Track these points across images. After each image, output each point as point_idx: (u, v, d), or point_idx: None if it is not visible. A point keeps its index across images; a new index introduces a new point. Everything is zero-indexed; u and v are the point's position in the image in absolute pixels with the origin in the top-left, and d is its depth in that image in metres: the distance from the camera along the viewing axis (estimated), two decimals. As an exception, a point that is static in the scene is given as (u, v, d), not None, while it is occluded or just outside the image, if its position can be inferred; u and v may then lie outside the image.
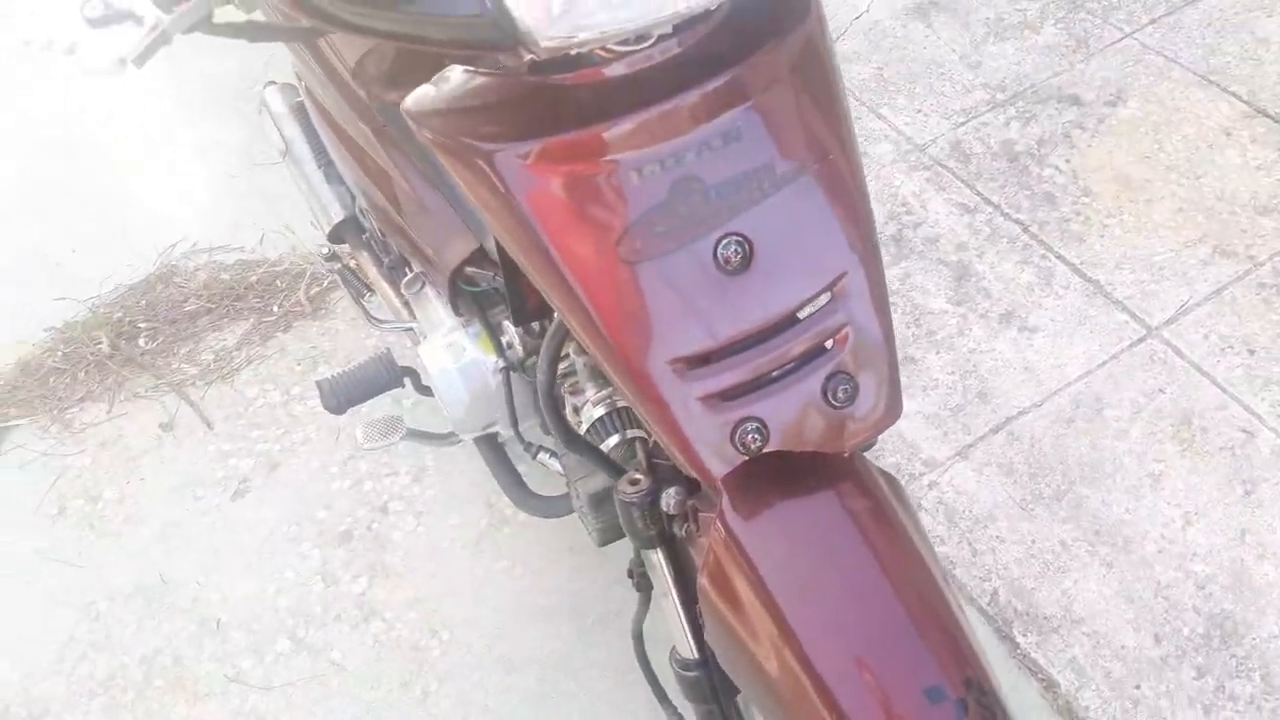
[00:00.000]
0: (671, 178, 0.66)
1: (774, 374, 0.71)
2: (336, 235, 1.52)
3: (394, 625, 1.54)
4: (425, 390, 1.40)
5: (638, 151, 0.65)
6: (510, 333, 1.18)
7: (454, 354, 1.21)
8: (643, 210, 0.66)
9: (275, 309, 1.95)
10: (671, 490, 0.81)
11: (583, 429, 1.08)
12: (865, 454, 0.85)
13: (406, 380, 1.37)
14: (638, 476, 0.84)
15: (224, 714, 1.48)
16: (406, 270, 1.39)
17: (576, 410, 1.12)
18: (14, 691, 1.53)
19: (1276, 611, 1.41)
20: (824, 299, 0.72)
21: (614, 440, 1.01)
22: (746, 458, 0.71)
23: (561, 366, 1.19)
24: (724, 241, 0.67)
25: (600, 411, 1.06)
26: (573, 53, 0.62)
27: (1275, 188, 1.84)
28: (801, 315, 0.72)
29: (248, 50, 1.23)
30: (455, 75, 0.73)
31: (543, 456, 1.28)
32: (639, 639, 1.07)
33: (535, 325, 1.12)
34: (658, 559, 0.88)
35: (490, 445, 1.40)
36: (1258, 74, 2.01)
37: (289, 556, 1.62)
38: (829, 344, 0.72)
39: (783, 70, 0.69)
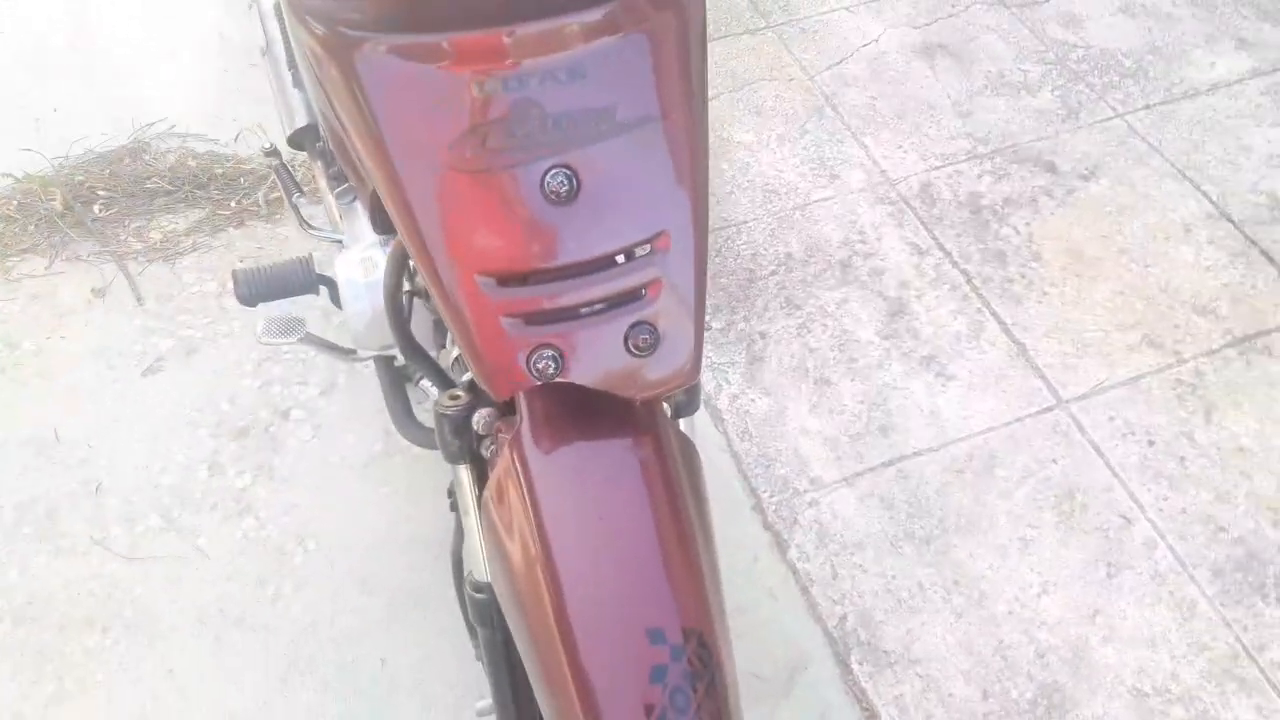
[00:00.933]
0: (512, 98, 0.68)
1: (581, 310, 0.73)
2: (296, 140, 1.55)
3: (265, 525, 1.57)
4: (339, 302, 1.43)
5: (484, 65, 0.67)
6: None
7: (365, 269, 1.24)
8: (478, 122, 0.68)
9: (232, 204, 1.98)
10: (485, 410, 0.84)
11: (450, 357, 1.10)
12: (689, 419, 0.89)
13: (322, 289, 1.39)
14: (459, 393, 0.87)
15: (83, 573, 1.51)
16: (344, 182, 1.42)
17: (451, 339, 1.14)
18: (-112, 510, 1.57)
19: (1107, 695, 1.43)
20: (643, 251, 0.74)
21: (455, 354, 1.04)
22: (538, 383, 0.73)
23: None
24: (552, 171, 0.69)
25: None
26: None
27: (1219, 291, 1.86)
28: (618, 261, 0.74)
29: None
30: None
31: (424, 383, 1.30)
32: (458, 563, 1.10)
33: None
34: (464, 477, 0.91)
35: (386, 368, 1.43)
36: (1233, 179, 2.03)
37: (183, 439, 1.66)
38: (641, 293, 0.74)
39: (644, 21, 0.70)
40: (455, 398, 0.87)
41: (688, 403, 0.89)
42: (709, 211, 0.76)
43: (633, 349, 0.74)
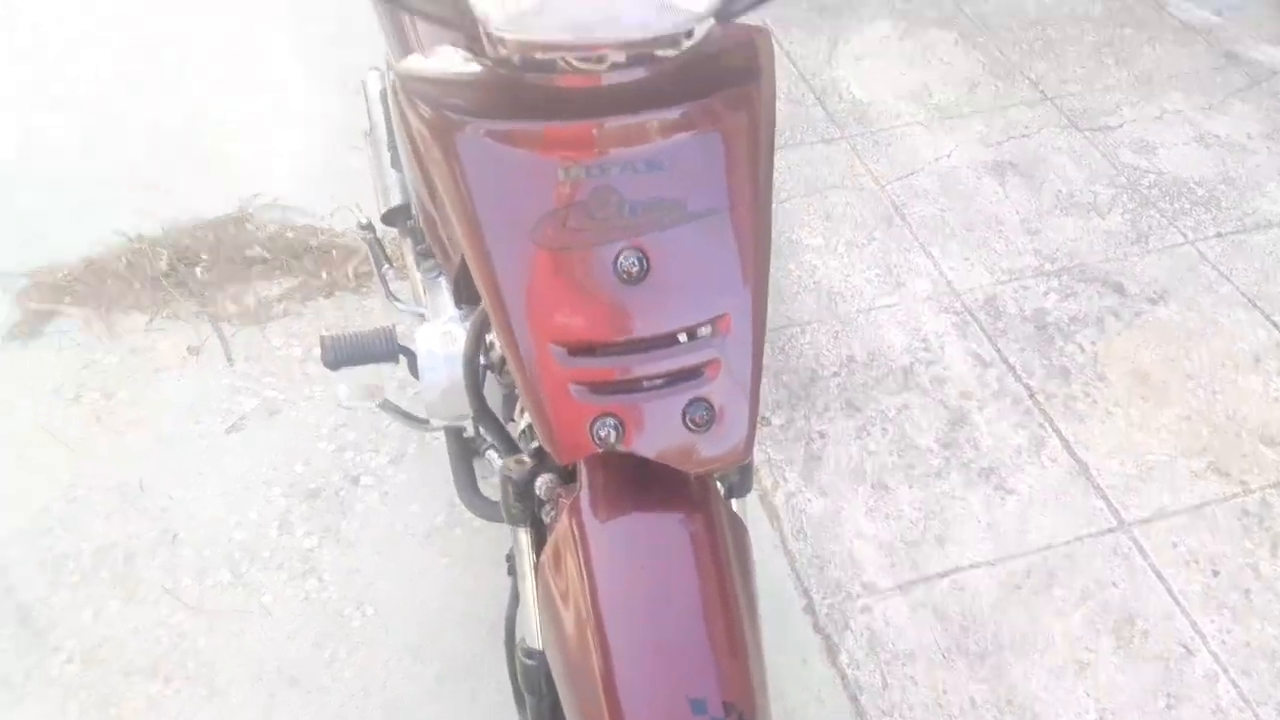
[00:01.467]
0: (594, 184, 0.74)
1: (644, 383, 0.78)
2: (390, 218, 1.64)
3: (328, 587, 1.62)
4: (417, 373, 1.50)
5: (571, 153, 0.74)
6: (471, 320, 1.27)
7: (444, 341, 1.31)
8: (561, 204, 0.74)
9: (323, 275, 2.08)
10: (547, 475, 0.89)
11: (520, 427, 1.16)
12: (741, 499, 0.93)
13: (401, 359, 1.47)
14: (524, 457, 0.92)
15: (151, 621, 1.57)
16: (432, 259, 1.50)
17: (524, 412, 1.19)
18: (-21, 544, 1.65)
19: (1161, 829, 1.40)
20: (704, 332, 0.79)
21: (524, 426, 1.09)
22: (599, 450, 0.78)
23: None
24: (625, 253, 0.75)
25: None
26: (538, 56, 0.71)
27: (1288, 424, 1.84)
28: (681, 340, 0.79)
29: (380, 42, 1.38)
30: (445, 53, 0.83)
31: (490, 454, 1.35)
32: (511, 628, 1.13)
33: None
34: (524, 540, 0.95)
35: (456, 439, 1.49)
36: (1305, 312, 2.03)
37: (258, 496, 1.72)
38: (700, 372, 0.79)
39: (719, 120, 0.77)
40: (521, 462, 0.92)
41: (740, 483, 0.93)
42: (768, 301, 0.81)
43: (690, 424, 0.78)
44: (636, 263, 0.75)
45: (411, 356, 1.47)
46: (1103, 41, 2.75)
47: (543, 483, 0.90)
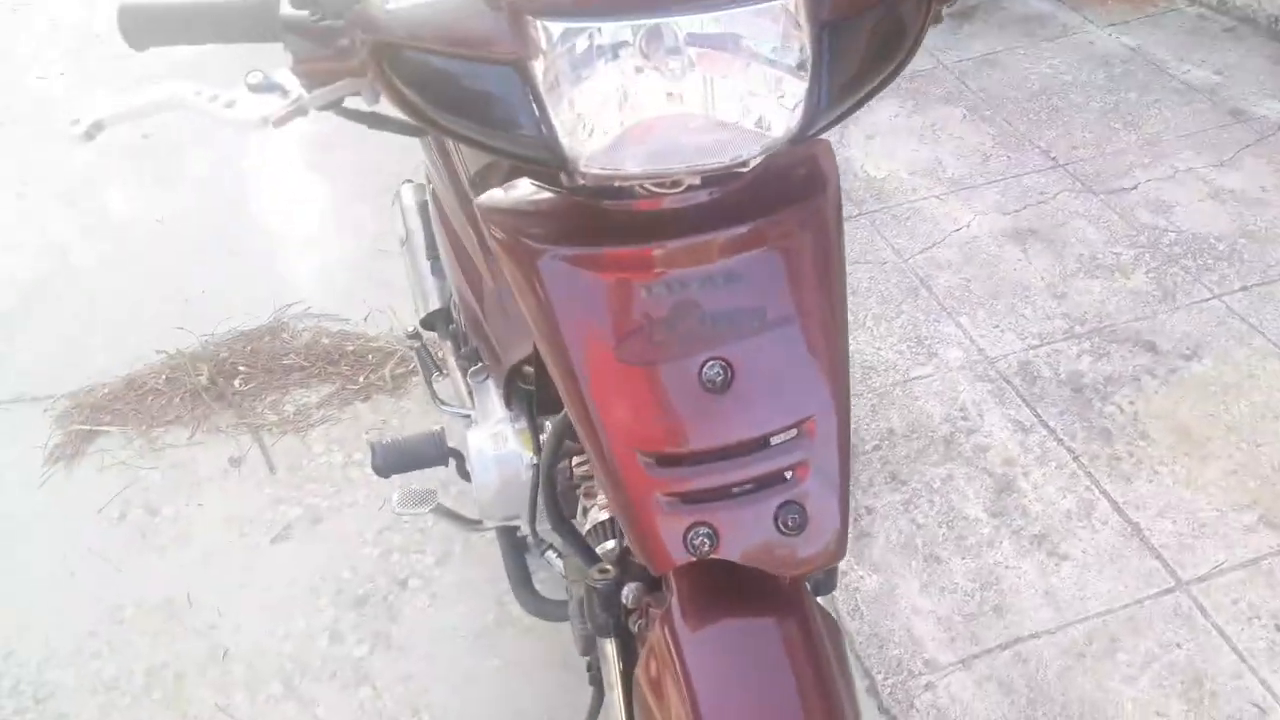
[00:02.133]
0: (675, 299, 0.76)
1: (734, 489, 0.78)
2: (429, 321, 1.68)
3: (381, 695, 1.60)
4: (466, 475, 1.51)
5: (653, 273, 0.76)
6: (548, 431, 1.28)
7: (496, 442, 1.32)
8: (646, 323, 0.76)
9: (360, 380, 2.11)
10: (633, 585, 0.88)
11: (585, 529, 1.16)
12: (827, 596, 0.91)
13: (451, 461, 1.48)
14: (607, 566, 0.91)
15: (205, 739, 1.55)
16: (477, 362, 1.52)
17: (585, 511, 1.20)
18: (29, 671, 1.64)
19: None
20: (791, 433, 0.79)
21: (611, 544, 1.09)
22: (693, 559, 0.77)
23: (585, 469, 1.28)
24: (710, 363, 0.76)
25: (605, 515, 1.13)
26: (615, 184, 0.74)
27: (1338, 473, 1.82)
28: (769, 444, 0.79)
29: (405, 156, 1.42)
30: (522, 184, 0.86)
31: (549, 555, 1.35)
32: None
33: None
34: (610, 651, 0.94)
35: (509, 538, 1.49)
36: (1341, 359, 2.02)
37: (306, 607, 1.72)
38: (788, 474, 0.79)
39: (791, 233, 0.78)
40: (604, 572, 0.91)
41: (826, 580, 0.92)
42: (850, 399, 0.82)
43: (782, 528, 0.78)
44: (721, 372, 0.76)
45: (461, 459, 1.48)
46: (1108, 107, 2.81)
47: (629, 591, 0.89)
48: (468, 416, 1.53)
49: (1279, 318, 2.12)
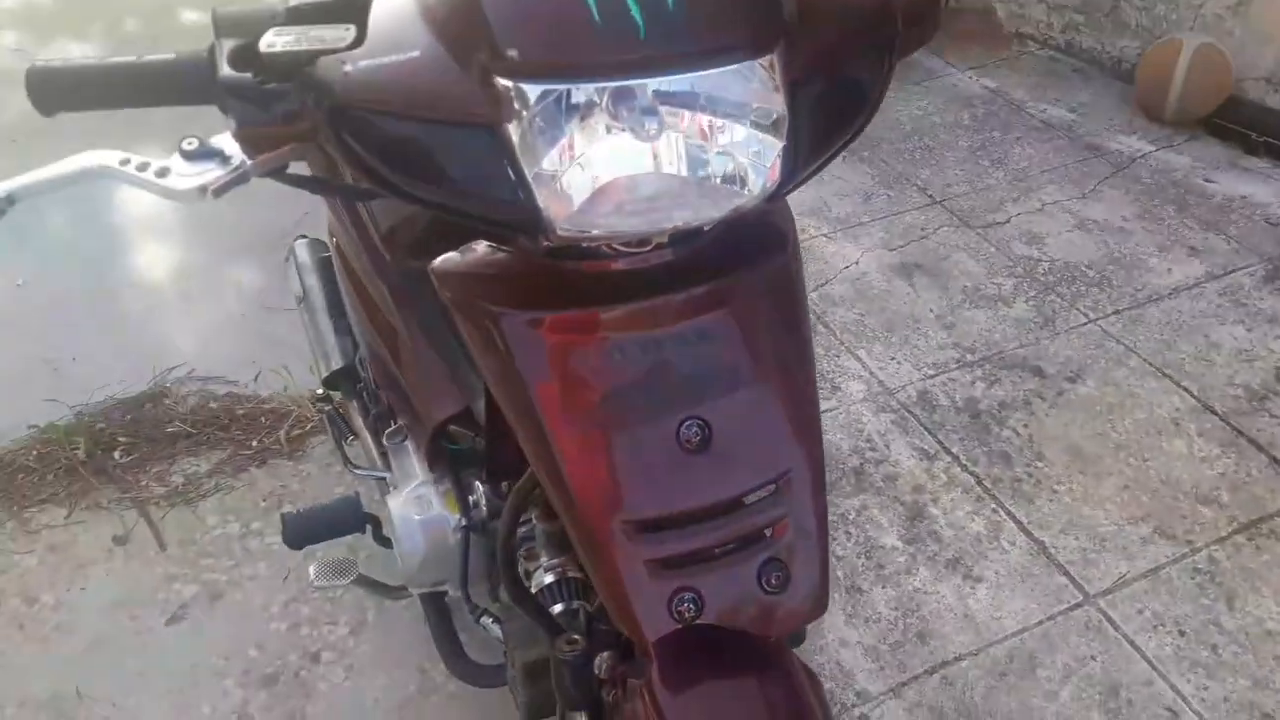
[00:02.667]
0: (650, 361, 0.74)
1: (716, 551, 0.76)
2: (332, 381, 1.61)
3: (300, 779, 1.50)
4: (384, 541, 1.44)
5: (625, 334, 0.74)
6: (479, 492, 1.24)
7: (420, 506, 1.26)
8: (620, 384, 0.74)
9: (254, 444, 2.00)
10: (606, 654, 0.85)
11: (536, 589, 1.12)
12: (795, 649, 0.89)
13: (368, 527, 1.41)
14: (575, 637, 0.88)
15: (105, 846, 1.42)
16: (392, 422, 1.46)
17: (528, 575, 1.16)
18: (-105, 788, 1.47)
19: None
20: (768, 490, 0.78)
21: (559, 608, 1.05)
22: (679, 626, 0.75)
23: (522, 530, 1.24)
24: (687, 423, 0.74)
25: (550, 578, 1.10)
26: (582, 244, 0.72)
27: (1217, 480, 1.94)
28: (747, 502, 0.78)
29: (282, 208, 1.36)
30: (479, 247, 0.83)
31: (485, 620, 1.30)
32: None
33: (504, 486, 1.18)
34: None
35: (435, 605, 1.42)
36: (1208, 374, 2.16)
37: (210, 691, 1.60)
38: (768, 532, 0.78)
39: (759, 290, 0.78)
40: (573, 643, 0.87)
41: (799, 633, 0.91)
42: (824, 451, 0.81)
43: (766, 586, 0.77)
44: (699, 431, 0.74)
45: (378, 524, 1.42)
46: (976, 145, 2.96)
47: (602, 661, 0.86)
48: (383, 479, 1.47)
49: (1151, 338, 2.26)
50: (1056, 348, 2.25)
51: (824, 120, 0.72)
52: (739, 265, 0.78)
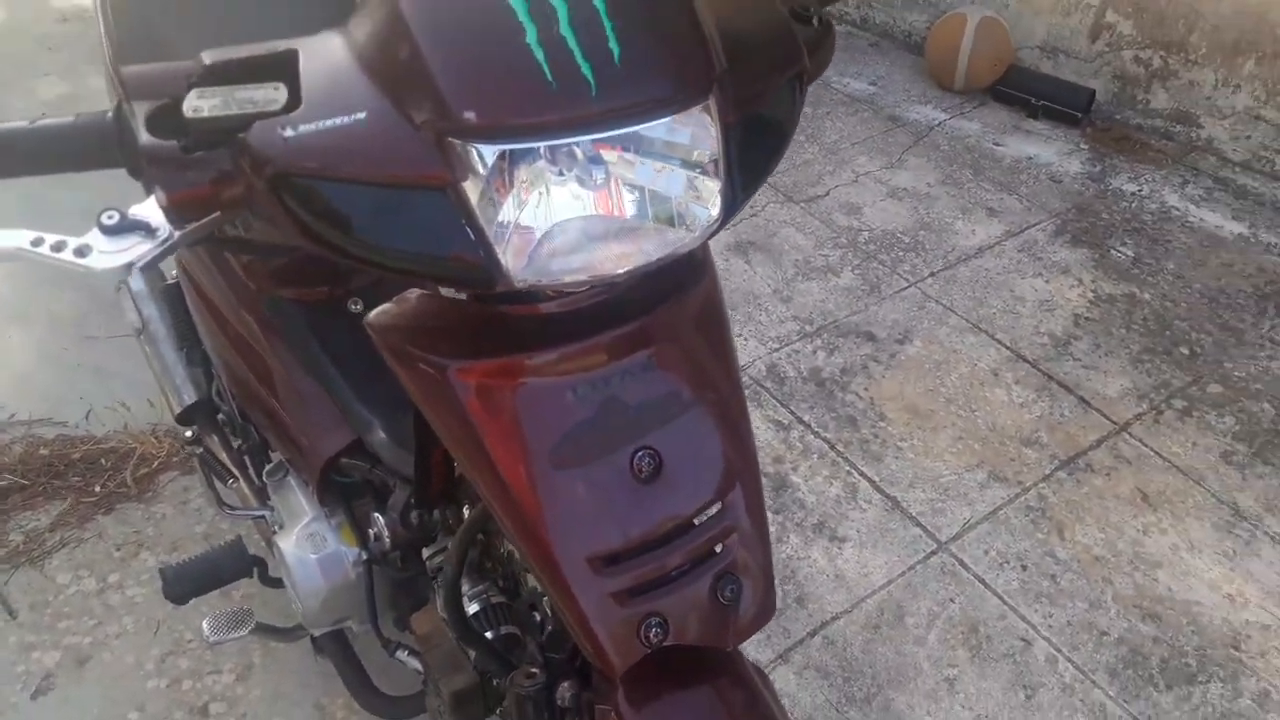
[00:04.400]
0: (601, 397, 0.76)
1: (673, 574, 0.80)
2: (186, 417, 1.52)
3: (208, 838, 1.44)
4: (271, 582, 1.39)
5: (575, 376, 0.76)
6: (379, 525, 1.22)
7: (315, 544, 1.23)
8: (573, 424, 0.76)
9: (97, 489, 1.87)
10: (566, 684, 0.88)
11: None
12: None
13: (254, 570, 1.36)
14: (534, 670, 0.90)
15: None
16: (267, 458, 1.41)
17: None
18: None
19: (1055, 807, 1.56)
20: (715, 507, 0.82)
21: (490, 635, 1.06)
22: (648, 651, 0.78)
23: (437, 560, 1.24)
24: (639, 453, 0.77)
25: (475, 607, 1.11)
26: (546, 290, 0.73)
27: (1036, 423, 2.15)
28: (696, 522, 0.82)
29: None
30: (413, 297, 0.82)
31: (401, 654, 1.29)
32: None
33: (414, 517, 1.17)
34: None
35: (337, 642, 1.40)
36: (1017, 325, 2.39)
37: (92, 762, 1.51)
38: (718, 548, 0.82)
39: (690, 317, 0.82)
40: (531, 675, 0.89)
41: None
42: (758, 462, 0.86)
43: (722, 599, 0.81)
44: (651, 460, 0.77)
45: (264, 566, 1.37)
46: (789, 120, 3.09)
47: (564, 691, 0.88)
48: (261, 518, 1.42)
49: (965, 296, 2.46)
50: (884, 312, 2.42)
51: (753, 155, 0.76)
52: (669, 296, 0.81)
